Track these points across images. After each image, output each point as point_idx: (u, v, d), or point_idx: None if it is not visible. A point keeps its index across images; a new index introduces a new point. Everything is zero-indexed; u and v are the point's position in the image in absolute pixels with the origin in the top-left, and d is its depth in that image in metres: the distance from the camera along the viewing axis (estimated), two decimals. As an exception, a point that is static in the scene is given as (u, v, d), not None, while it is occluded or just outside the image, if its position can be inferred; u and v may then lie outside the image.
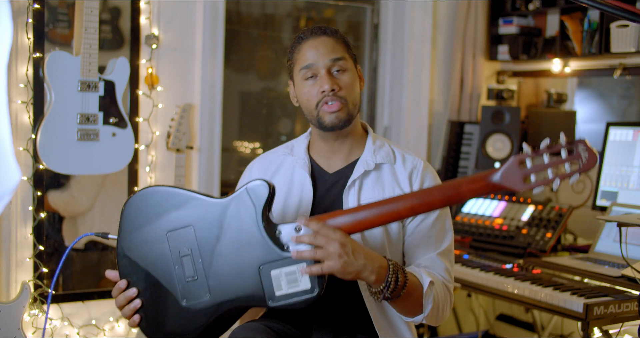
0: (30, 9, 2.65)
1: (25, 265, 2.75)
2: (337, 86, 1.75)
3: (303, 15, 3.70)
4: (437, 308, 1.69)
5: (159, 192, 1.65)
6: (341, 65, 1.76)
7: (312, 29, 1.80)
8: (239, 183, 1.98)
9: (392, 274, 1.58)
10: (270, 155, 1.97)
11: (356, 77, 1.81)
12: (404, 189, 1.81)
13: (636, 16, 1.50)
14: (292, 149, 1.91)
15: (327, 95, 1.74)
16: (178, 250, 1.61)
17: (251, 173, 1.95)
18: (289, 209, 1.84)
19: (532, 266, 2.69)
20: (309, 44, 1.78)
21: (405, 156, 1.86)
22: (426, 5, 3.63)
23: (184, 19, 3.04)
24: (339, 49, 1.77)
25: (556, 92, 3.67)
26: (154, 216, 1.63)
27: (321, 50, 1.76)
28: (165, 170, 3.02)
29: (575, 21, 3.28)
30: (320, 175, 1.85)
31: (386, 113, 3.69)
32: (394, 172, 1.83)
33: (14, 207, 2.72)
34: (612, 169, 2.90)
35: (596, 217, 2.50)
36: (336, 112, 1.75)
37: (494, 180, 1.51)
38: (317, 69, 1.76)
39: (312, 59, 1.76)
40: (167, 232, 1.62)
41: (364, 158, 1.82)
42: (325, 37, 1.78)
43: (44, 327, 2.55)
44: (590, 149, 1.49)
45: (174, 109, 3.01)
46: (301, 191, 1.83)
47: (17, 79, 2.68)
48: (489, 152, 3.43)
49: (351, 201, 1.79)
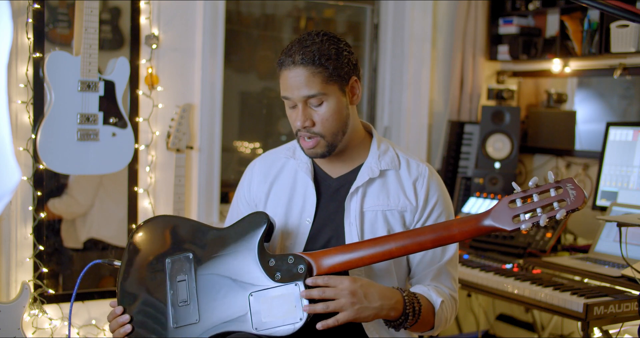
0: (30, 9, 2.65)
1: (25, 265, 2.75)
2: (310, 122, 1.69)
3: (303, 15, 3.70)
4: (445, 322, 1.75)
5: (165, 221, 1.79)
6: (319, 99, 1.67)
7: (291, 53, 1.67)
8: (241, 182, 1.97)
9: (409, 306, 1.62)
10: (272, 155, 1.94)
11: (340, 102, 1.70)
12: (409, 197, 1.79)
13: (636, 16, 1.50)
14: (295, 152, 1.87)
15: (300, 129, 1.71)
16: (175, 276, 1.69)
17: (252, 174, 1.93)
18: (291, 215, 1.82)
19: (532, 266, 2.69)
20: (285, 75, 1.69)
21: (410, 161, 1.83)
22: (426, 5, 3.63)
23: (184, 19, 3.03)
24: (314, 82, 1.65)
25: (556, 92, 3.67)
26: (158, 245, 1.74)
27: (294, 85, 1.67)
28: (165, 170, 3.02)
29: (575, 21, 3.28)
30: (323, 180, 1.83)
31: (386, 113, 3.69)
32: (399, 179, 1.81)
33: (14, 207, 2.72)
34: (612, 168, 2.90)
35: (596, 217, 2.50)
36: (312, 148, 1.73)
37: (485, 223, 1.56)
38: (292, 101, 1.70)
39: (288, 92, 1.69)
40: (167, 258, 1.72)
41: (368, 164, 1.79)
42: (300, 69, 1.65)
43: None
44: (577, 187, 1.52)
45: (174, 109, 3.01)
46: (304, 196, 1.81)
47: (17, 79, 2.68)
48: (489, 152, 3.43)
49: (354, 208, 1.77)
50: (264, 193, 1.88)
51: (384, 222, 1.77)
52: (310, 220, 1.79)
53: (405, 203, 1.79)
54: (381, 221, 1.77)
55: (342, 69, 1.69)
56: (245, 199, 1.94)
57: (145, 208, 3.00)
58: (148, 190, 2.99)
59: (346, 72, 1.70)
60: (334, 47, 1.68)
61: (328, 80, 1.67)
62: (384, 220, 1.78)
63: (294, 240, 1.80)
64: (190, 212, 3.09)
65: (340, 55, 1.69)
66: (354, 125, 1.79)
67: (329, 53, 1.67)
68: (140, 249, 1.76)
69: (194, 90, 3.08)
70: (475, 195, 3.26)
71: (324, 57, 1.66)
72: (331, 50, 1.67)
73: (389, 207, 1.78)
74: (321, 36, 1.69)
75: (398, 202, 1.78)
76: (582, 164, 3.37)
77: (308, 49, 1.66)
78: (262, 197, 1.88)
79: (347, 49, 1.72)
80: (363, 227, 1.77)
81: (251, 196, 1.92)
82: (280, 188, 1.85)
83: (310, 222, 1.79)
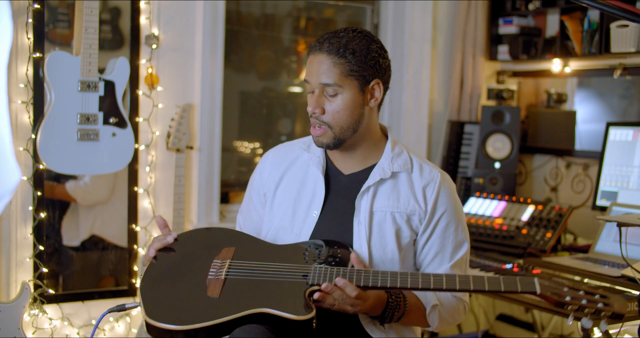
0: (30, 9, 2.65)
1: (25, 265, 2.75)
2: (320, 110, 1.72)
3: (303, 15, 3.70)
4: (446, 322, 1.78)
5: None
6: (334, 89, 1.70)
7: (322, 40, 1.72)
8: (254, 172, 1.99)
9: (389, 311, 1.69)
10: (287, 147, 1.96)
11: (355, 99, 1.72)
12: (418, 201, 1.80)
13: (636, 16, 1.50)
14: (310, 146, 1.89)
15: (311, 115, 1.75)
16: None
17: (265, 163, 1.95)
18: (299, 206, 1.84)
19: (532, 266, 2.69)
20: (310, 59, 1.74)
21: (423, 166, 1.84)
22: (426, 5, 3.63)
23: (184, 19, 3.03)
24: (333, 72, 1.69)
25: (556, 92, 3.67)
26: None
27: (314, 70, 1.71)
28: (165, 170, 3.02)
29: (575, 21, 3.28)
30: (334, 175, 1.84)
31: (386, 113, 3.69)
32: (410, 182, 1.81)
33: (14, 207, 2.72)
34: (612, 168, 2.90)
35: (596, 217, 2.50)
36: (319, 136, 1.76)
37: None
38: (311, 86, 1.75)
39: (308, 76, 1.75)
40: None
41: (381, 165, 1.81)
42: (324, 56, 1.69)
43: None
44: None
45: (174, 109, 3.01)
46: (313, 190, 1.83)
47: (17, 79, 2.68)
48: (489, 152, 3.43)
49: (364, 207, 1.78)
50: (274, 182, 1.90)
51: (392, 223, 1.78)
52: (317, 213, 1.81)
53: (415, 207, 1.80)
54: (389, 222, 1.78)
55: (366, 69, 1.71)
56: (256, 188, 1.97)
57: (145, 208, 3.00)
58: (148, 190, 2.99)
59: (370, 72, 1.71)
60: (365, 45, 1.70)
61: (348, 74, 1.69)
62: (393, 221, 1.79)
63: (299, 231, 1.81)
64: (190, 212, 3.09)
65: (368, 54, 1.70)
66: (369, 125, 1.79)
67: (356, 49, 1.69)
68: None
69: (194, 90, 3.08)
70: (475, 195, 3.26)
71: (349, 51, 1.68)
72: (360, 47, 1.69)
73: (398, 209, 1.79)
74: (356, 32, 1.72)
75: (407, 205, 1.79)
76: (582, 164, 3.37)
77: (337, 40, 1.69)
78: (272, 186, 1.90)
79: (380, 51, 1.74)
80: (371, 227, 1.78)
81: (262, 184, 1.94)
82: (291, 179, 1.87)
83: (317, 215, 1.81)
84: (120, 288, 2.98)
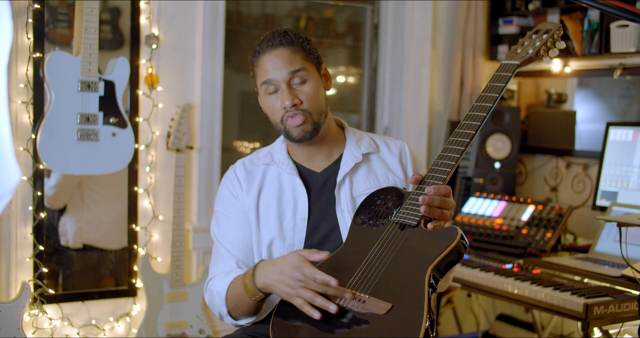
0: (30, 9, 2.65)
1: (25, 265, 2.75)
2: (298, 100, 1.74)
3: (303, 15, 3.70)
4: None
5: None
6: (301, 75, 1.75)
7: (269, 40, 1.77)
8: (220, 199, 1.88)
9: None
10: (248, 165, 1.90)
11: (319, 82, 1.79)
12: (397, 173, 1.86)
13: (636, 16, 1.50)
14: (272, 157, 1.88)
15: (289, 110, 1.75)
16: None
17: (234, 188, 1.86)
18: (285, 217, 1.82)
19: (532, 266, 2.69)
20: (266, 58, 1.76)
21: (388, 142, 1.92)
22: (426, 5, 3.63)
23: (184, 19, 3.04)
24: (296, 59, 1.75)
25: (556, 92, 3.67)
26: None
27: (278, 64, 1.74)
28: (165, 170, 3.02)
29: (575, 21, 3.28)
30: (309, 176, 1.85)
31: (386, 113, 3.69)
32: (382, 160, 1.88)
33: (14, 207, 2.72)
34: (612, 168, 2.90)
35: (596, 217, 2.50)
36: (300, 125, 1.76)
37: None
38: (277, 83, 1.75)
39: (271, 74, 1.75)
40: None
41: (348, 151, 1.85)
42: (281, 48, 1.75)
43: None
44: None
45: (174, 109, 3.01)
46: (293, 195, 1.82)
47: (17, 79, 2.68)
48: (489, 152, 3.43)
49: (344, 196, 1.81)
50: (252, 204, 1.84)
51: None
52: (305, 218, 1.80)
53: (395, 179, 1.86)
54: None
55: (314, 53, 1.82)
56: (234, 207, 1.86)
57: (145, 208, 3.00)
58: (148, 190, 2.99)
59: (317, 57, 1.82)
60: (303, 36, 1.83)
61: (306, 58, 1.78)
62: None
63: (292, 241, 1.80)
64: (190, 212, 3.09)
65: (309, 42, 1.82)
66: (329, 115, 1.85)
67: (302, 38, 1.80)
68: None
69: (194, 90, 3.08)
70: (475, 195, 3.26)
71: (299, 39, 1.79)
72: (302, 37, 1.81)
73: (381, 186, 1.81)
74: (288, 30, 1.83)
75: (388, 181, 1.84)
76: (582, 164, 3.37)
77: (283, 35, 1.78)
78: (252, 206, 1.84)
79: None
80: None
81: (240, 204, 1.86)
82: (268, 195, 1.84)
83: (306, 219, 1.80)
84: (120, 288, 2.99)
